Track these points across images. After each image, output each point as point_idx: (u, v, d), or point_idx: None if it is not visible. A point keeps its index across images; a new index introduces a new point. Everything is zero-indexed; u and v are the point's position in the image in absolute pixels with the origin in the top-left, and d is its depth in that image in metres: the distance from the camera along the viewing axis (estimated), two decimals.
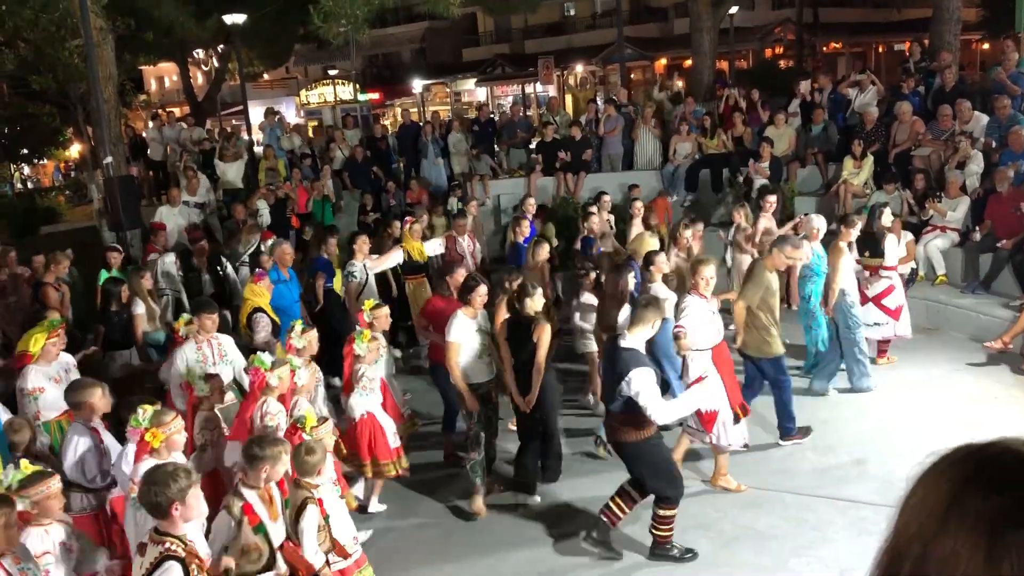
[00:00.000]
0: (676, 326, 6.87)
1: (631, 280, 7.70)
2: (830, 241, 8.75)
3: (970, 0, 27.00)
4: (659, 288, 7.77)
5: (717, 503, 6.65)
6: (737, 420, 6.77)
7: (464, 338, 6.73)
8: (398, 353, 9.22)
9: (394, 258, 10.00)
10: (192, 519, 4.01)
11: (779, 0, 39.13)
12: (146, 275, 9.40)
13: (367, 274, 9.47)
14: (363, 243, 9.78)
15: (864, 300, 8.91)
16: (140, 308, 8.93)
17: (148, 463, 4.84)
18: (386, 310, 7.44)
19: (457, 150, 16.51)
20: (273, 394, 5.89)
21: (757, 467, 7.19)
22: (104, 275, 10.04)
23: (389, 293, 10.51)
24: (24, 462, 4.61)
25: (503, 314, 7.26)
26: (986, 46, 36.39)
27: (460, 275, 7.81)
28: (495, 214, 15.42)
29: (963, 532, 0.86)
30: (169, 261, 10.67)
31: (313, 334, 6.85)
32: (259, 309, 8.45)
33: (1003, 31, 24.11)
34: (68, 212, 29.92)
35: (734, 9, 26.18)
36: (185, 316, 7.64)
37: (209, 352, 7.18)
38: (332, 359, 8.11)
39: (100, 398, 5.65)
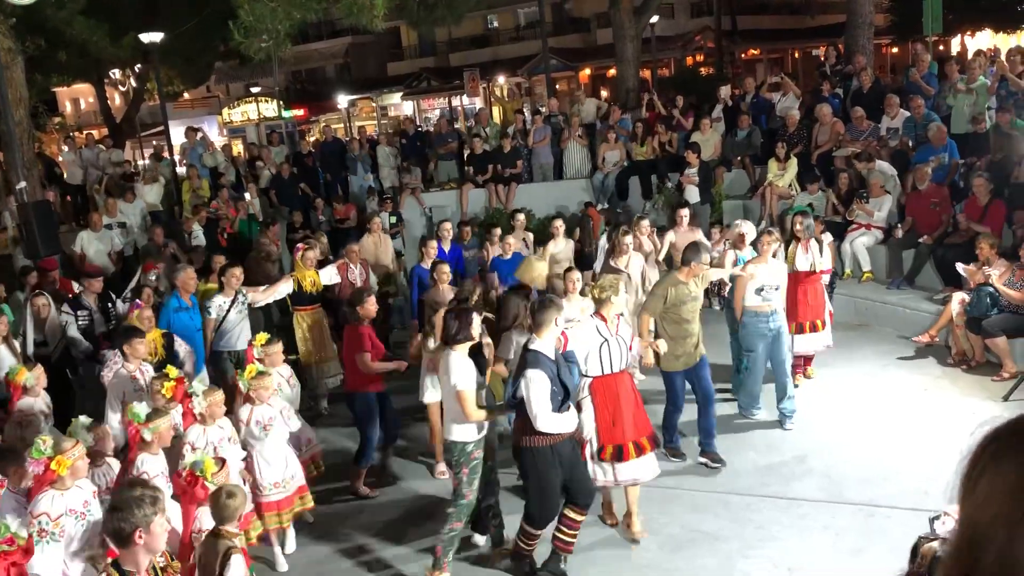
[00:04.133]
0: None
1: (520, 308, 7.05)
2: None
3: (880, 6, 27.94)
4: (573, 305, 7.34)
5: (665, 507, 6.65)
6: (641, 452, 6.12)
7: (471, 382, 5.69)
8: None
9: (283, 289, 9.18)
10: (157, 550, 3.76)
11: (698, 8, 39.92)
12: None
13: (227, 309, 8.53)
14: (232, 275, 8.64)
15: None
16: None
17: (49, 495, 4.67)
18: (279, 346, 7.08)
19: (386, 164, 16.37)
20: (150, 450, 5.52)
21: (701, 469, 7.25)
22: None
23: (270, 325, 9.83)
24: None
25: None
26: (895, 50, 37.73)
27: (371, 303, 7.47)
28: (428, 227, 15.31)
29: None
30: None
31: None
32: None
33: (910, 36, 25.03)
34: None
35: (655, 18, 26.59)
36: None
37: (142, 379, 6.94)
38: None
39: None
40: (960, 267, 9.15)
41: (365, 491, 7.51)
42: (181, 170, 17.57)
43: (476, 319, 5.80)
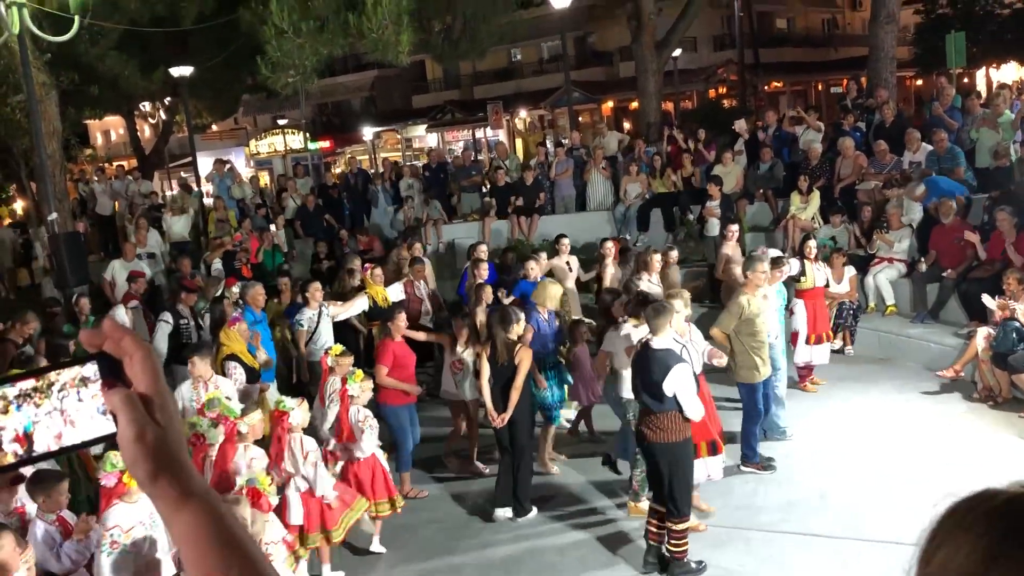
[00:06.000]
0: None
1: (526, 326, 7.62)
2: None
3: (903, 39, 27.93)
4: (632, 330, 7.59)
5: None
6: (715, 452, 6.79)
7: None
8: None
9: (359, 305, 9.83)
10: None
11: (720, 42, 40.09)
12: None
13: (317, 321, 9.22)
14: (315, 290, 9.38)
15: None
16: None
17: (120, 507, 4.85)
18: (350, 359, 7.40)
19: (409, 196, 16.52)
20: (247, 440, 5.88)
21: (721, 503, 7.18)
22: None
23: (356, 340, 10.33)
24: None
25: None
26: (919, 82, 37.65)
27: (401, 319, 8.06)
28: (449, 258, 15.39)
29: None
30: (120, 313, 10.38)
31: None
32: (232, 356, 8.13)
33: (934, 68, 24.98)
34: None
35: (678, 52, 26.74)
36: None
37: (204, 394, 7.13)
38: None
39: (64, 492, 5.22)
40: (987, 299, 9.07)
41: (415, 493, 7.93)
42: (208, 201, 17.83)
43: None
